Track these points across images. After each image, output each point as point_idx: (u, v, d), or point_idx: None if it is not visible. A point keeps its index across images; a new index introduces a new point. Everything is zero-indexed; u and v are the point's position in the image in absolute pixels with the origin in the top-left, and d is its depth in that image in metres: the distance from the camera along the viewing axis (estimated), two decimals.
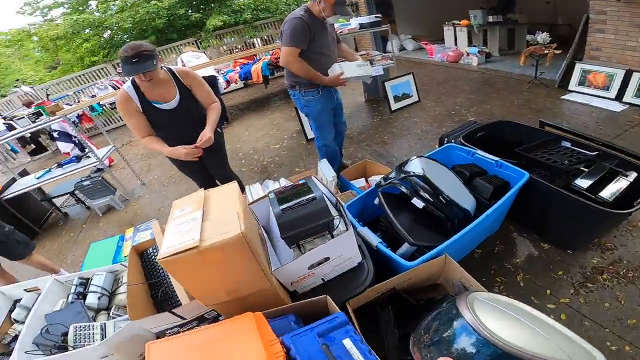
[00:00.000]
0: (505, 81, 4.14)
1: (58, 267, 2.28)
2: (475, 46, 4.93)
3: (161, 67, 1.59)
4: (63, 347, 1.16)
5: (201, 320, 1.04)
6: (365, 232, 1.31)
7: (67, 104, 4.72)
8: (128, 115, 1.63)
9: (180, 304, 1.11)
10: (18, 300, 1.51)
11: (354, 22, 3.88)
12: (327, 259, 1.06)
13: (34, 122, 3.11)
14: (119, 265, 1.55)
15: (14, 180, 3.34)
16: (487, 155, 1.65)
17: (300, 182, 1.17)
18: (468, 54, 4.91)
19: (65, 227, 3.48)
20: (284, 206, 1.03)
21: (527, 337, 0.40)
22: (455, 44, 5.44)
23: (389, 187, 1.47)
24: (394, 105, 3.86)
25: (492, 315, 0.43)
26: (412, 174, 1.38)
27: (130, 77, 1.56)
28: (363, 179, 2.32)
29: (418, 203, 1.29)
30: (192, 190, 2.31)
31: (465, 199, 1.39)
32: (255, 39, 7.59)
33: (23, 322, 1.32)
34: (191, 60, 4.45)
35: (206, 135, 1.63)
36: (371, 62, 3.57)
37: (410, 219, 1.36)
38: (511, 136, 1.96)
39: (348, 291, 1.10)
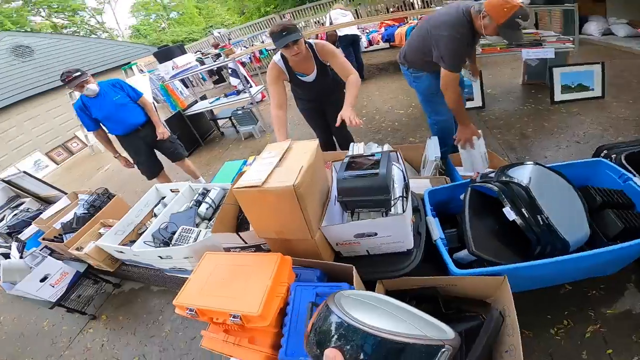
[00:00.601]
0: None
1: (199, 175, 3.09)
2: None
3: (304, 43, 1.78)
4: (167, 243, 1.63)
5: (258, 248, 1.28)
6: (431, 222, 1.24)
7: (244, 46, 5.85)
8: (272, 82, 1.87)
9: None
10: (163, 198, 2.17)
11: None
12: (374, 234, 1.10)
13: (214, 61, 4.14)
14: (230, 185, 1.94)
15: (195, 102, 4.58)
16: None
17: (376, 156, 1.19)
18: None
19: (219, 144, 4.60)
20: (348, 173, 1.09)
21: (386, 320, 0.46)
22: None
23: (482, 186, 1.29)
24: (559, 96, 3.03)
25: (356, 307, 0.49)
26: (514, 180, 1.17)
27: (280, 52, 1.79)
28: None
29: (509, 214, 1.10)
30: (312, 135, 2.61)
31: (574, 228, 1.09)
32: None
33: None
34: (338, 17, 4.60)
35: (345, 114, 1.63)
36: (539, 43, 2.87)
37: (489, 227, 1.19)
38: None
39: (386, 272, 1.13)
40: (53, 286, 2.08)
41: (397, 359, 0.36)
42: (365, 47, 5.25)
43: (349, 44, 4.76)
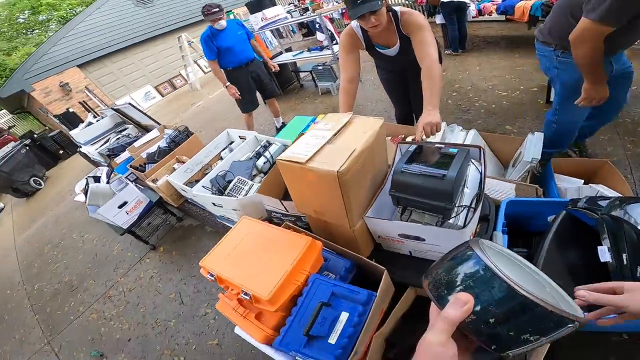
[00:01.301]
0: None
1: (280, 115, 3.24)
2: None
3: (387, 11, 1.46)
4: (221, 192, 1.68)
5: (298, 219, 1.24)
6: (498, 239, 1.02)
7: (336, 1, 5.51)
8: (345, 51, 1.60)
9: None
10: (232, 143, 2.23)
11: None
12: (422, 240, 0.95)
13: (301, 15, 4.04)
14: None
15: (280, 53, 4.61)
16: None
17: (451, 151, 0.97)
18: None
19: (296, 95, 4.68)
20: (409, 166, 0.93)
21: (527, 280, 0.44)
22: None
23: (583, 214, 0.99)
24: None
25: (499, 258, 0.47)
26: (631, 221, 0.85)
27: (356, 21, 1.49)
28: (580, 180, 1.62)
29: (603, 254, 0.82)
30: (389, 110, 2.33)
31: None
32: None
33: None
34: None
35: (426, 122, 1.25)
36: None
37: (567, 261, 0.92)
38: None
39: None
40: (127, 213, 2.38)
41: (525, 319, 0.36)
42: (474, 17, 4.40)
43: (453, 11, 4.06)
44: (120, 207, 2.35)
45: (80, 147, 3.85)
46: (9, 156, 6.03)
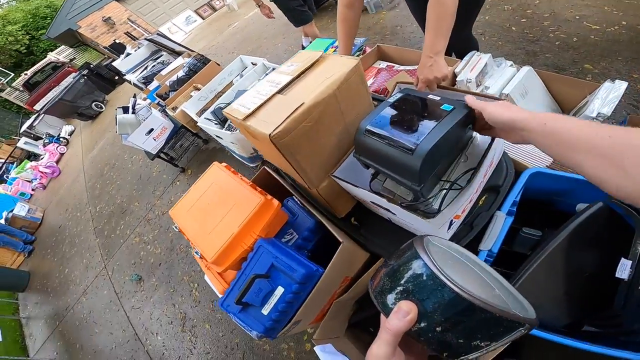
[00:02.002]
0: None
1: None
2: None
3: None
4: (222, 123, 1.59)
5: None
6: (498, 222, 0.81)
7: None
8: None
9: None
10: (245, 69, 2.06)
11: None
12: (393, 213, 0.80)
13: None
14: None
15: None
16: None
17: (444, 108, 0.71)
18: None
19: (330, 14, 4.14)
20: (374, 126, 0.71)
21: (474, 282, 0.41)
22: None
23: (624, 210, 0.72)
24: None
25: (445, 260, 0.41)
26: None
27: None
28: None
29: (623, 270, 0.61)
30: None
31: None
32: None
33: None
34: None
35: (423, 75, 1.00)
36: None
37: (573, 264, 0.71)
38: None
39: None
40: (155, 139, 2.54)
41: (473, 325, 0.34)
42: None
43: None
44: (147, 134, 2.53)
45: (124, 75, 4.08)
46: (70, 86, 6.74)
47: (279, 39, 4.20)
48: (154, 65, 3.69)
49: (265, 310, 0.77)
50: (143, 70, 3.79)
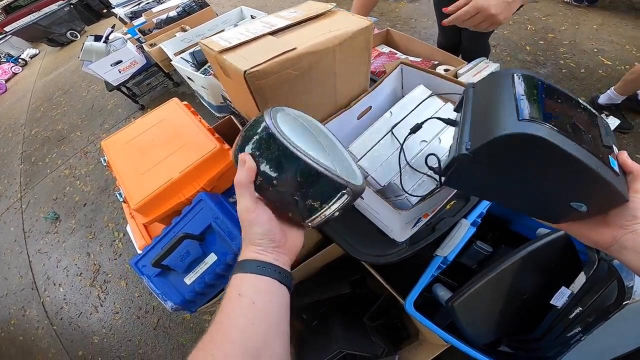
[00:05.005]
0: None
1: None
2: None
3: None
4: (195, 67, 1.50)
5: None
6: (461, 230, 0.75)
7: None
8: None
9: None
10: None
11: None
12: (361, 197, 0.71)
13: None
14: None
15: None
16: None
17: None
18: None
19: None
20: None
21: (310, 145, 0.42)
22: None
23: (583, 248, 0.71)
24: None
25: (289, 123, 0.42)
26: (627, 281, 0.58)
27: None
28: None
29: (560, 298, 0.60)
30: None
31: None
32: None
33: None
34: None
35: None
36: None
37: (516, 286, 0.69)
38: None
39: (351, 243, 0.76)
40: (120, 72, 2.31)
41: (300, 181, 0.35)
42: None
43: None
44: (114, 64, 2.33)
45: (113, 7, 3.73)
46: (51, 12, 6.36)
47: (287, 1, 3.95)
48: (148, 2, 3.41)
49: (189, 279, 0.64)
50: (135, 6, 3.49)
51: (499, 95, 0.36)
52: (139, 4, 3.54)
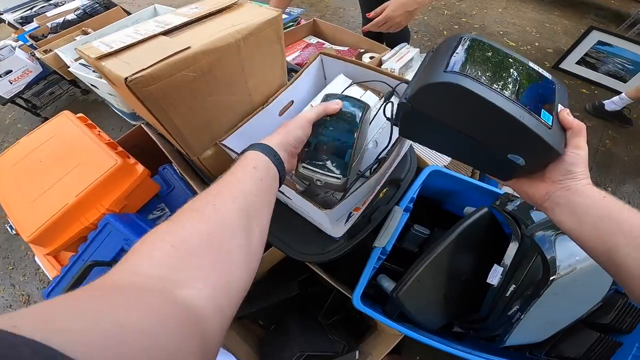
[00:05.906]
0: None
1: None
2: None
3: None
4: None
5: None
6: (394, 217, 0.76)
7: None
8: None
9: None
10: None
11: None
12: (286, 196, 0.68)
13: None
14: None
15: None
16: None
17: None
18: None
19: None
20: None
21: None
22: None
23: (505, 219, 0.75)
24: None
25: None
26: (550, 252, 0.63)
27: None
28: None
29: (494, 276, 0.63)
30: None
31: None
32: None
33: None
34: None
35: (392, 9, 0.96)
36: None
37: (454, 266, 0.73)
38: None
39: (288, 244, 0.73)
40: (11, 82, 2.03)
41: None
42: None
43: None
44: (3, 75, 2.03)
45: (2, 13, 3.18)
46: None
47: None
48: (43, 6, 2.97)
49: None
50: (27, 10, 3.02)
51: (440, 54, 0.39)
52: (31, 8, 3.09)
